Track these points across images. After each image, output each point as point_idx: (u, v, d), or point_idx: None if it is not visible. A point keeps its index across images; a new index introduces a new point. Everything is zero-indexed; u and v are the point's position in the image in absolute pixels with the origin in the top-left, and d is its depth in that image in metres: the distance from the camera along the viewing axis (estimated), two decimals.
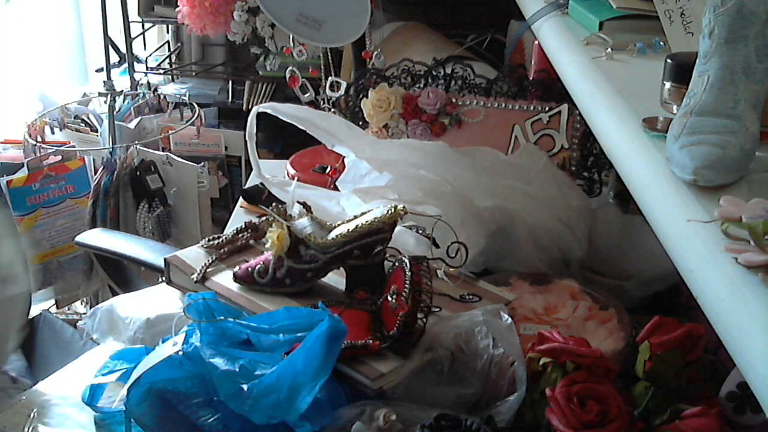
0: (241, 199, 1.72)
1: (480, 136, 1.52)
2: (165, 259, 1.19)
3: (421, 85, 1.58)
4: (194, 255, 1.19)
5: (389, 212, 1.08)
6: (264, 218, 1.21)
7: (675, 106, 0.84)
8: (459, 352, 0.98)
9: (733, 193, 0.68)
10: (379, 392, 0.93)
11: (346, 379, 0.94)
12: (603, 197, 1.51)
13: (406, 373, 0.95)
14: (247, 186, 1.82)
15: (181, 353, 0.96)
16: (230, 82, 2.86)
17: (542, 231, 1.29)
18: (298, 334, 0.93)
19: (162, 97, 2.54)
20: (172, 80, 2.88)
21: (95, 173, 2.26)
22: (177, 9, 2.16)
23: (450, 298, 1.11)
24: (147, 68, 2.70)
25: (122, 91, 2.46)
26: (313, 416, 0.88)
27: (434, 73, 1.58)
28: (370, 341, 0.95)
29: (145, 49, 2.85)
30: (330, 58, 1.92)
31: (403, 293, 0.96)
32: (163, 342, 1.01)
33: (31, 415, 1.11)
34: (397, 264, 1.01)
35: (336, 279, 1.12)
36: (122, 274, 1.69)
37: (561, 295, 1.18)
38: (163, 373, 0.96)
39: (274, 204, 1.14)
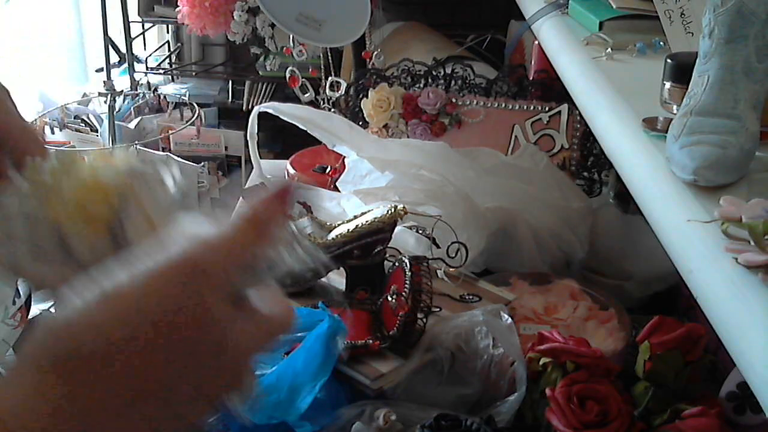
0: (241, 199, 1.72)
1: (480, 136, 1.52)
2: None
3: (421, 85, 1.58)
4: None
5: (389, 212, 1.08)
6: None
7: (675, 106, 0.84)
8: (459, 352, 0.98)
9: (733, 193, 0.68)
10: (379, 392, 0.93)
11: (346, 379, 0.94)
12: (603, 197, 1.50)
13: (406, 373, 0.95)
14: (247, 186, 1.82)
15: None
16: (230, 82, 2.86)
17: (544, 231, 1.29)
18: (298, 334, 0.93)
19: (162, 97, 2.54)
20: (172, 80, 2.88)
21: None
22: (177, 9, 2.16)
23: (450, 298, 1.11)
24: (147, 68, 2.70)
25: (122, 91, 2.46)
26: (313, 416, 0.88)
27: (434, 73, 1.58)
28: (370, 341, 0.95)
29: (145, 49, 2.85)
30: (330, 58, 1.92)
31: (403, 293, 0.96)
32: None
33: None
34: (397, 264, 1.01)
35: (336, 279, 1.12)
36: None
37: (561, 295, 1.18)
38: None
39: None
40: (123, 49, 2.56)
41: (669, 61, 0.88)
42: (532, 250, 1.28)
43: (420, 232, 1.14)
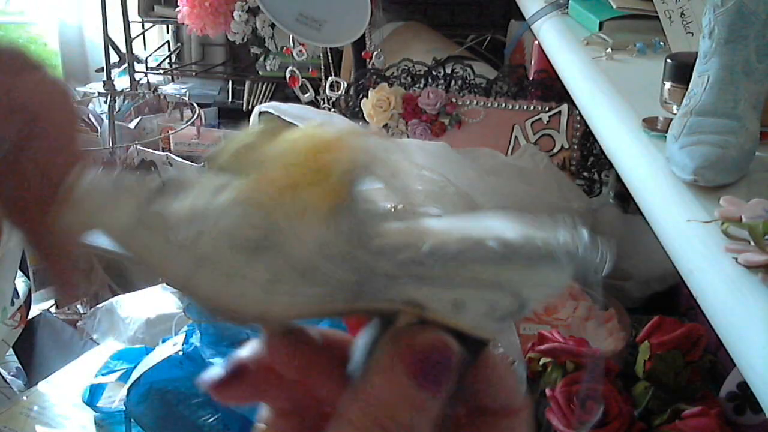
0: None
1: (480, 136, 1.52)
2: None
3: (421, 85, 1.58)
4: None
5: None
6: None
7: (675, 106, 0.84)
8: None
9: (733, 193, 0.68)
10: None
11: None
12: (603, 197, 1.51)
13: None
14: None
15: (181, 353, 0.96)
16: (230, 82, 2.86)
17: None
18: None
19: (162, 97, 2.54)
20: (172, 80, 2.88)
21: None
22: (177, 9, 2.16)
23: None
24: (147, 68, 2.70)
25: (122, 91, 2.46)
26: None
27: (434, 73, 1.58)
28: None
29: (145, 49, 2.85)
30: (330, 58, 1.92)
31: None
32: (163, 342, 1.01)
33: (31, 415, 1.11)
34: None
35: None
36: (122, 274, 1.69)
37: (561, 295, 1.18)
38: (163, 373, 0.96)
39: None
40: (123, 49, 2.56)
41: (669, 61, 0.88)
42: None
43: None
